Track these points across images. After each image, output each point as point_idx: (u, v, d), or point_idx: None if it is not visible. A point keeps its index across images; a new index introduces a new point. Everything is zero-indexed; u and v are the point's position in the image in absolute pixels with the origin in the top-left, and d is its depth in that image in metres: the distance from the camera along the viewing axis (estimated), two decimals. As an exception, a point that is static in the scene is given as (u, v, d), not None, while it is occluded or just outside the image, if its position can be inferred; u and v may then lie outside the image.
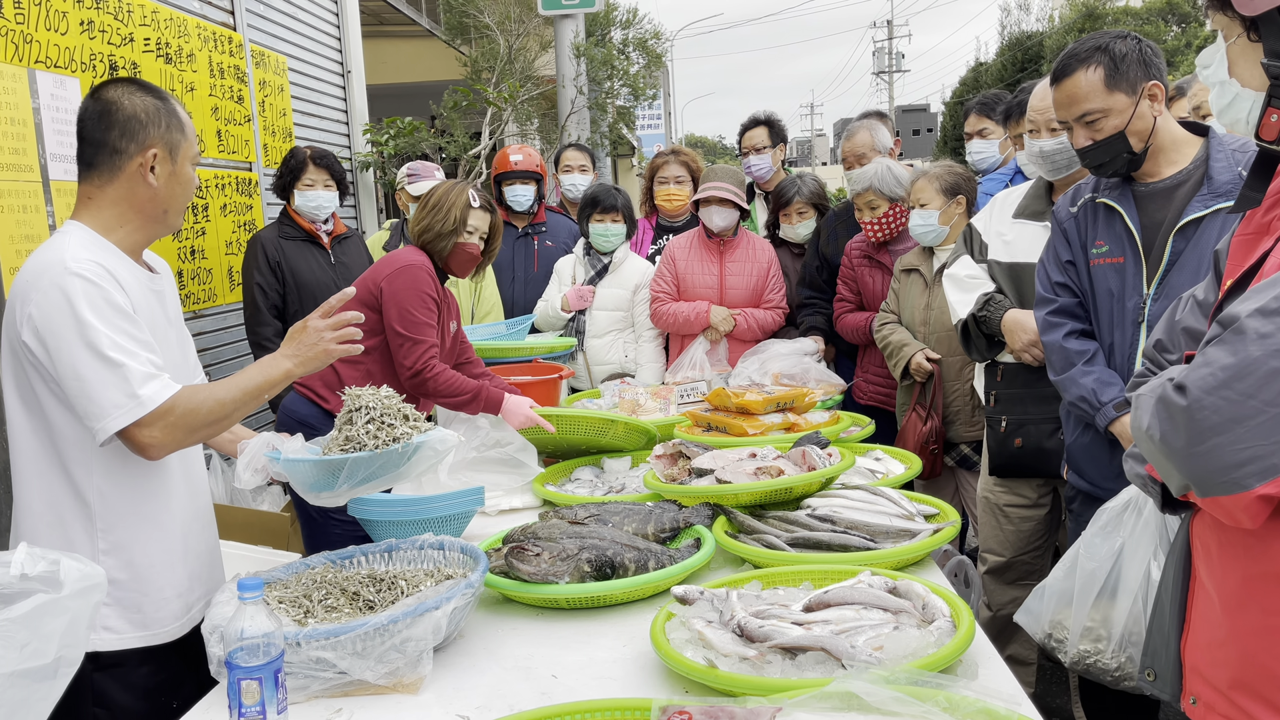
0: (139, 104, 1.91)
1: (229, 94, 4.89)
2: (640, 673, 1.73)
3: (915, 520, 2.24)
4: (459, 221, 3.01)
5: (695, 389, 3.46)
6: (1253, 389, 1.16)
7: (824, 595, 1.77)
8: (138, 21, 4.11)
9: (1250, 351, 1.17)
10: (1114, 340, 2.43)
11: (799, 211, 4.16)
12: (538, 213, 4.67)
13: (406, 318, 2.88)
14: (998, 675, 1.63)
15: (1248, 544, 1.28)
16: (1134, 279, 2.37)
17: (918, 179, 3.46)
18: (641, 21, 9.64)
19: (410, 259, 2.99)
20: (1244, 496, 1.19)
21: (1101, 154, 2.34)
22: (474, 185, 3.10)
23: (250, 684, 1.48)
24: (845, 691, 1.35)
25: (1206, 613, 1.37)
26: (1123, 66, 2.30)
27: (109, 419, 1.76)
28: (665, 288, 4.09)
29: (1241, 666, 1.30)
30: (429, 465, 2.11)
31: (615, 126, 10.31)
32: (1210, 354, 1.21)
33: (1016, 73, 26.00)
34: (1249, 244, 1.39)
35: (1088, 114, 2.32)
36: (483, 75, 8.26)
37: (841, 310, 3.92)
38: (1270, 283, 1.21)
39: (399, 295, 2.90)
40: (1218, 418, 1.18)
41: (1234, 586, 1.31)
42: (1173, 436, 1.23)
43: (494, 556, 2.07)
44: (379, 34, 10.62)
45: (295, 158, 4.05)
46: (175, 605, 1.97)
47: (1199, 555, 1.39)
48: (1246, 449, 1.17)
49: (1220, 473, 1.19)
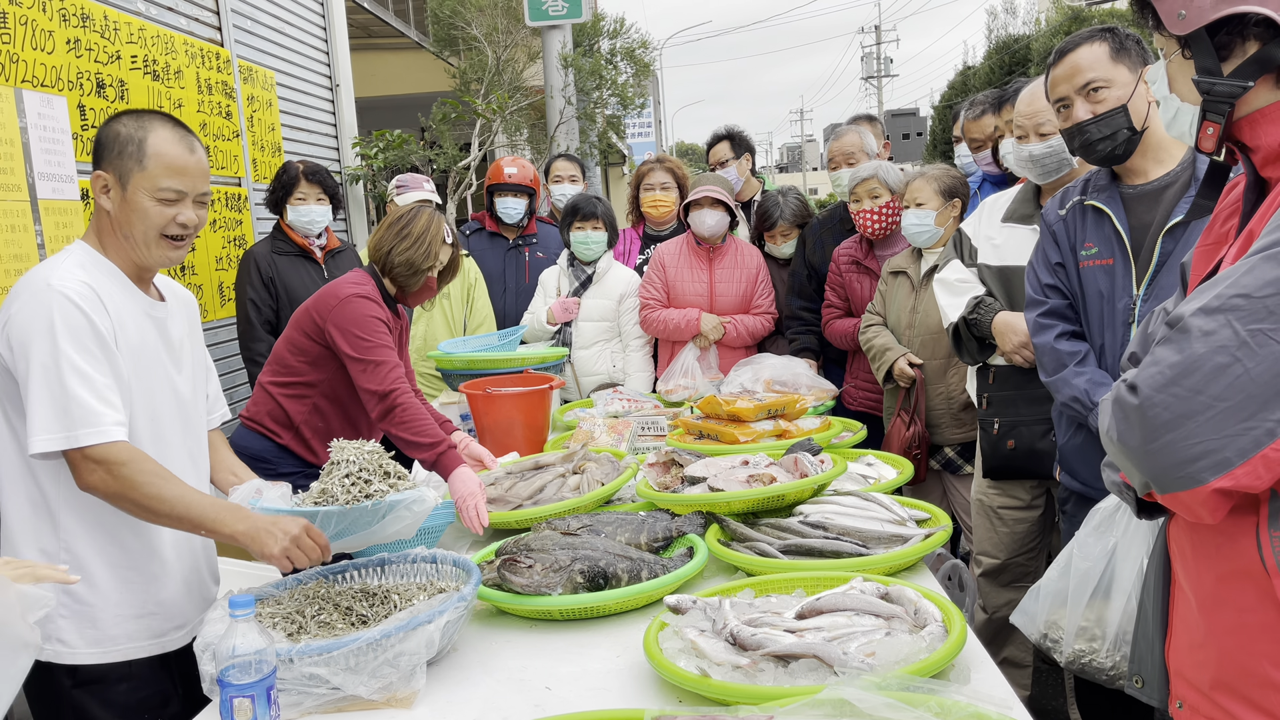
0: (111, 131, 1.95)
1: (217, 110, 4.90)
2: (634, 683, 1.73)
3: (907, 525, 2.24)
4: (435, 257, 2.88)
5: (656, 423, 3.39)
6: (1200, 385, 1.19)
7: (816, 602, 1.77)
8: (124, 39, 4.11)
9: (1195, 349, 1.20)
10: (1104, 341, 2.44)
11: (783, 234, 4.16)
12: (528, 224, 4.68)
13: (356, 342, 2.71)
14: (990, 679, 1.64)
15: (1218, 543, 1.29)
16: (1124, 280, 2.38)
17: (915, 179, 3.47)
18: (629, 31, 9.66)
19: (353, 291, 2.79)
20: (1200, 491, 1.21)
21: (1103, 127, 2.33)
22: (445, 217, 2.98)
23: (243, 701, 1.48)
24: (838, 698, 1.36)
25: (1186, 615, 1.38)
26: (1126, 45, 2.33)
27: (36, 438, 1.79)
28: (655, 294, 4.10)
29: (1220, 666, 1.31)
30: (404, 525, 2.04)
31: (605, 136, 10.31)
32: (1158, 353, 1.24)
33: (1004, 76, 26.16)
34: (1209, 254, 1.43)
35: (1091, 82, 2.33)
36: (471, 87, 8.27)
37: (830, 316, 3.93)
38: (1212, 283, 1.24)
39: (343, 323, 2.74)
40: (1168, 414, 1.21)
41: (1209, 587, 1.32)
42: (1129, 435, 1.26)
43: (487, 569, 2.08)
44: (367, 47, 10.64)
45: (288, 173, 4.05)
46: (134, 625, 1.96)
47: (1176, 558, 1.41)
48: (1198, 444, 1.19)
49: (1175, 468, 1.22)
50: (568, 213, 4.20)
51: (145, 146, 1.93)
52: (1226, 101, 1.31)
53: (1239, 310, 1.19)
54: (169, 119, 2.00)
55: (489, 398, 3.33)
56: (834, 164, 4.20)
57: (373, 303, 2.78)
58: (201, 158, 2.00)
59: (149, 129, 1.95)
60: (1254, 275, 1.19)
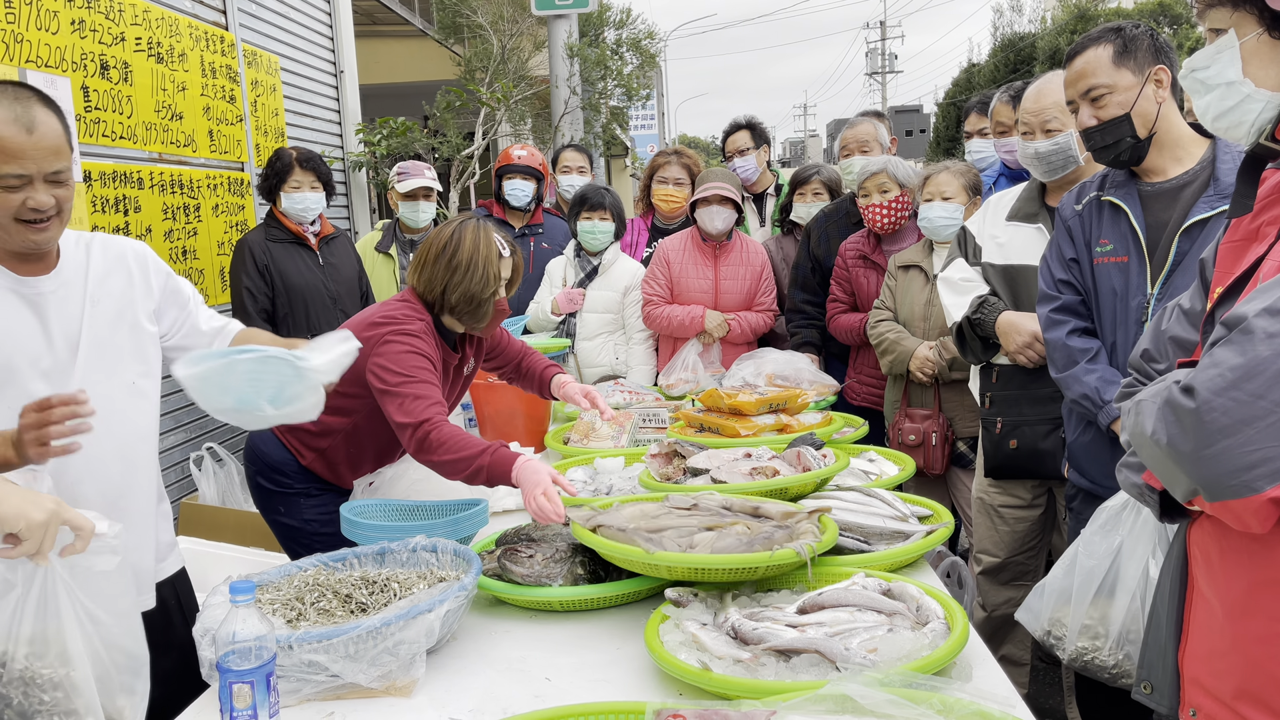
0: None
1: (221, 94, 4.88)
2: (634, 675, 1.72)
3: (909, 522, 2.23)
4: (498, 279, 2.56)
5: (657, 416, 3.37)
6: (1262, 389, 1.15)
7: (818, 597, 1.77)
8: (129, 21, 4.10)
9: (1259, 351, 1.15)
10: (1116, 339, 2.42)
11: (815, 192, 4.25)
12: (534, 213, 4.67)
13: (387, 375, 2.42)
14: (992, 677, 1.63)
15: (1252, 550, 1.26)
16: (1138, 278, 2.37)
17: (940, 172, 3.45)
18: (635, 22, 9.65)
19: (392, 329, 2.48)
20: (1254, 500, 1.17)
21: (1106, 135, 2.33)
22: (489, 225, 2.65)
23: (242, 688, 1.47)
24: (839, 694, 1.35)
25: (1207, 622, 1.35)
26: (1132, 47, 2.31)
27: None
28: (658, 290, 4.09)
29: (1247, 675, 1.28)
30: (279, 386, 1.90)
31: (609, 127, 10.29)
32: (1218, 355, 1.19)
33: (1009, 74, 26.10)
34: (1238, 250, 1.38)
35: (1093, 89, 2.32)
36: (476, 75, 8.26)
37: (835, 311, 3.93)
38: (1275, 282, 1.19)
39: (377, 358, 2.44)
40: (1227, 419, 1.16)
41: (1239, 594, 1.28)
42: (1181, 440, 1.20)
43: (487, 559, 2.07)
44: (372, 34, 10.61)
45: (281, 160, 4.03)
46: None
47: (1197, 564, 1.37)
48: (1256, 450, 1.15)
49: (1230, 475, 1.17)
50: (576, 202, 4.19)
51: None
52: None
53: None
54: (6, 91, 1.79)
55: (490, 387, 3.32)
56: (846, 151, 4.21)
57: (415, 339, 2.48)
58: (45, 134, 1.79)
59: (11, 111, 1.77)
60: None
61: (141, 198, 4.14)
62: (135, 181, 4.10)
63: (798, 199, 4.30)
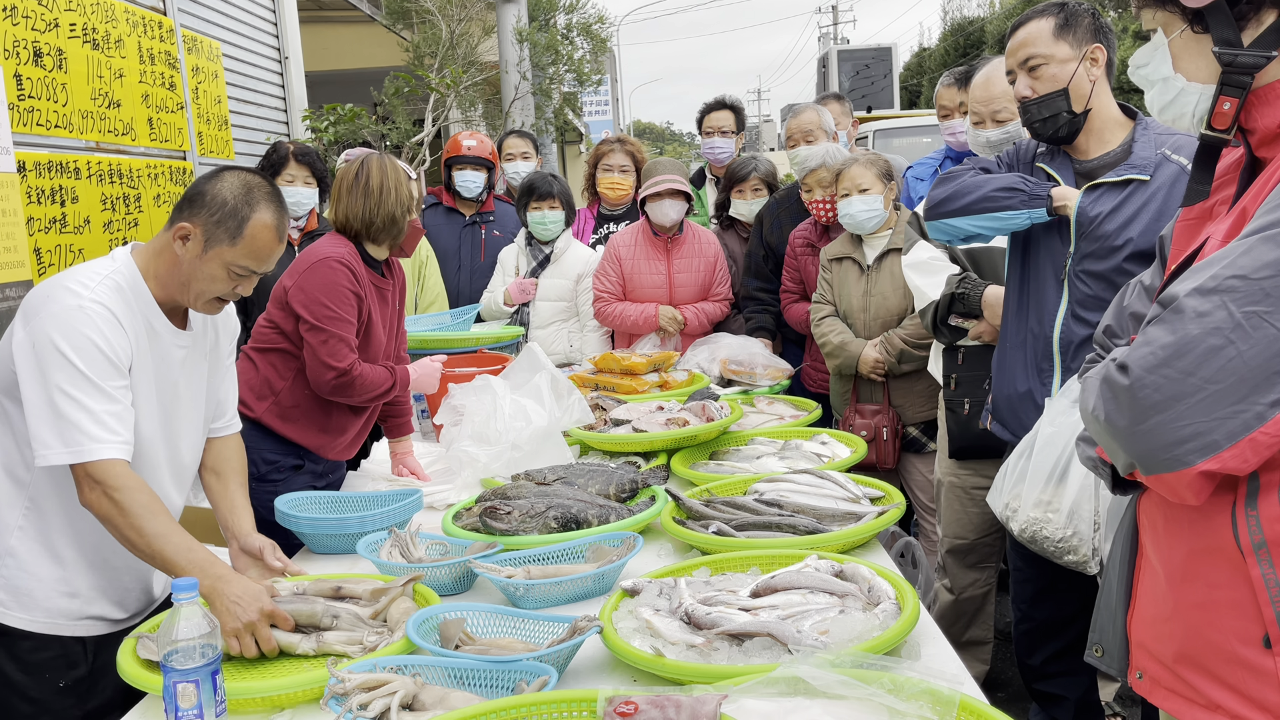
0: (216, 192, 1.93)
1: (160, 80, 4.76)
2: (588, 663, 1.72)
3: (861, 503, 2.25)
4: (411, 198, 2.75)
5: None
6: (1192, 366, 1.18)
7: (771, 580, 1.77)
8: (63, 7, 3.98)
9: (1189, 330, 1.19)
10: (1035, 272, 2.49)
11: (754, 189, 4.18)
12: (486, 201, 4.62)
13: (319, 310, 2.59)
14: (942, 655, 1.65)
15: (1192, 519, 1.30)
16: (1061, 245, 2.42)
17: (850, 165, 3.44)
18: (585, 6, 9.57)
19: (328, 254, 2.65)
20: (1186, 473, 1.20)
21: (1043, 109, 2.36)
22: (390, 154, 2.87)
23: (187, 687, 1.44)
24: (791, 676, 1.36)
25: (1152, 589, 1.39)
26: (1073, 23, 2.35)
27: (42, 452, 1.81)
28: (609, 286, 4.05)
29: (1185, 640, 1.32)
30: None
31: (561, 112, 10.22)
32: (1150, 333, 1.22)
33: (959, 58, 26.37)
34: (1192, 229, 1.41)
35: (1030, 58, 2.36)
36: (425, 61, 8.15)
37: (788, 301, 3.93)
38: (1207, 262, 1.22)
39: (309, 287, 2.61)
40: (1159, 396, 1.20)
41: (1179, 561, 1.32)
42: (1116, 416, 1.24)
43: (466, 516, 2.30)
44: (318, 19, 10.42)
45: (277, 152, 3.90)
46: (66, 604, 1.96)
47: (1145, 532, 1.41)
48: (1187, 426, 1.19)
49: (1163, 450, 1.21)
50: (524, 192, 4.14)
51: (244, 228, 1.92)
52: (1248, 73, 1.28)
53: (1235, 292, 1.17)
54: (275, 196, 1.97)
55: (441, 377, 3.29)
56: (792, 142, 4.17)
57: (347, 271, 2.64)
58: (285, 240, 2.00)
59: (254, 207, 1.93)
60: (1251, 256, 1.17)
61: (79, 188, 4.03)
62: (72, 171, 3.99)
63: (736, 196, 4.22)
